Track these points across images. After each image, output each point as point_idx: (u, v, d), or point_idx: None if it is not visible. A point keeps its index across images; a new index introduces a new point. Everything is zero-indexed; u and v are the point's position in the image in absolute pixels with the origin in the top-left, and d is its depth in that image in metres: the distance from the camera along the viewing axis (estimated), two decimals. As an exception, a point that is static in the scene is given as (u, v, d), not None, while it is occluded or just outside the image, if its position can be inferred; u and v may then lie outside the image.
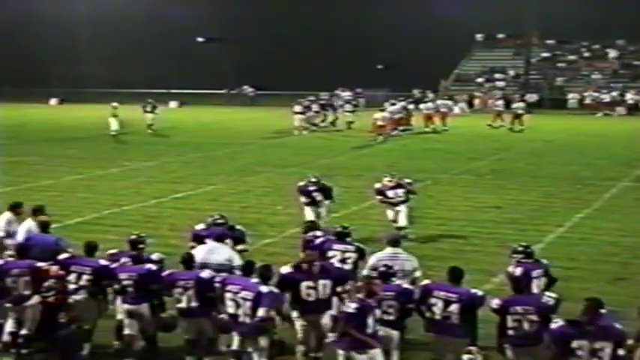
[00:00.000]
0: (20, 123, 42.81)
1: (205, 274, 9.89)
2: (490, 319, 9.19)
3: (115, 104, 36.54)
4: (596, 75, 59.61)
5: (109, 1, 69.86)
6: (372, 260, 10.67)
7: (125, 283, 10.08)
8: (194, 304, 9.77)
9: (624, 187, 23.21)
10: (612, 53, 61.92)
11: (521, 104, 42.56)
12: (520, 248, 10.38)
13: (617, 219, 18.77)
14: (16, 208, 12.84)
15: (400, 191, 16.39)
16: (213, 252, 10.74)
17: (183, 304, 9.83)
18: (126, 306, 10.11)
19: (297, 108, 39.82)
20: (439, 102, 43.70)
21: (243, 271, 10.01)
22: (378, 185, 16.79)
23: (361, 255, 10.97)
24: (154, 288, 10.18)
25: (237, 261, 10.75)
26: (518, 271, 10.08)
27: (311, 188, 16.12)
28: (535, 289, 9.86)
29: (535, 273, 10.06)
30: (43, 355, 10.12)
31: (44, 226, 11.83)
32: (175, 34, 67.75)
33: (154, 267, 10.38)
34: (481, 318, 9.25)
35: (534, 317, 8.75)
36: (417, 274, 10.67)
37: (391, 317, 9.24)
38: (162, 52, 66.90)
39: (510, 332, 8.81)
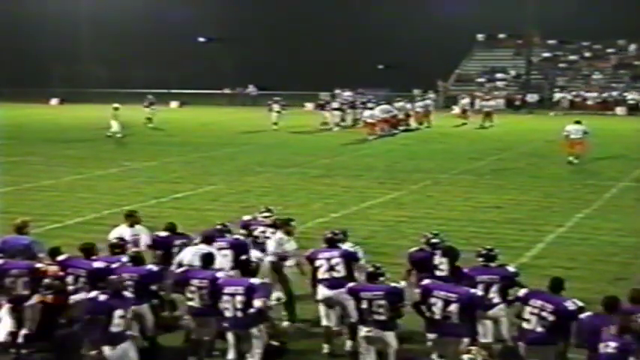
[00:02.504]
0: (20, 123, 42.80)
1: (222, 274, 9.89)
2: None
3: (116, 105, 36.49)
4: (597, 75, 59.60)
5: (109, 1, 69.78)
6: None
7: (125, 283, 10.07)
8: (208, 303, 9.77)
9: (624, 187, 23.22)
10: (632, 47, 61.67)
11: (491, 102, 45.21)
12: (483, 252, 10.30)
13: (617, 219, 18.77)
14: (282, 223, 11.73)
15: (270, 231, 12.27)
16: (198, 254, 10.66)
17: (194, 303, 9.81)
18: None
19: (335, 104, 42.30)
20: (428, 101, 44.44)
21: (239, 269, 10.04)
22: (247, 218, 12.90)
23: (350, 259, 10.67)
24: (155, 288, 10.18)
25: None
26: (465, 270, 10.16)
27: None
28: (490, 294, 9.77)
29: (481, 277, 9.88)
30: (43, 355, 10.12)
31: (19, 229, 11.57)
32: (176, 34, 67.67)
33: (154, 267, 10.38)
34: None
35: (550, 317, 8.74)
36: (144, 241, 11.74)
37: (382, 317, 9.23)
38: (162, 52, 66.82)
39: (524, 325, 8.88)
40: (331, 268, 10.57)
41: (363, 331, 9.31)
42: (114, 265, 10.35)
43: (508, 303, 9.70)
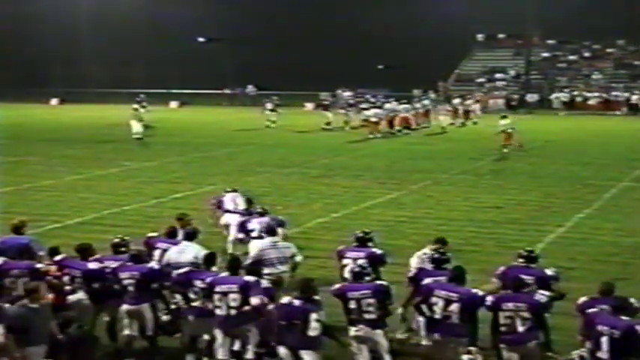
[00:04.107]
0: (20, 123, 42.81)
1: (224, 274, 9.82)
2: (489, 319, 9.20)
3: (135, 106, 36.45)
4: (596, 75, 59.61)
5: (109, 1, 69.80)
6: (253, 251, 11.35)
7: (126, 282, 10.05)
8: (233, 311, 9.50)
9: (624, 187, 23.21)
10: None
11: (469, 101, 46.18)
12: (524, 253, 10.28)
13: (617, 219, 18.77)
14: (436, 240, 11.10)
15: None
16: (183, 252, 10.74)
17: (197, 304, 9.76)
18: (126, 306, 10.08)
19: (345, 104, 43.98)
20: (426, 101, 44.95)
21: (229, 268, 9.94)
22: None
23: (376, 261, 10.54)
24: (156, 287, 10.14)
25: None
26: (500, 269, 10.17)
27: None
28: None
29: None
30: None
31: (17, 229, 11.53)
32: (175, 34, 67.67)
33: (156, 266, 10.36)
34: (481, 318, 9.25)
35: (526, 314, 8.76)
36: (297, 259, 11.56)
37: (372, 316, 9.20)
38: (162, 52, 66.84)
39: (502, 329, 8.86)
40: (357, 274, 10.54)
41: (352, 331, 9.28)
42: (115, 264, 10.34)
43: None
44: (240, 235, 13.54)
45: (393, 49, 62.78)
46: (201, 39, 69.92)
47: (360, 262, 10.41)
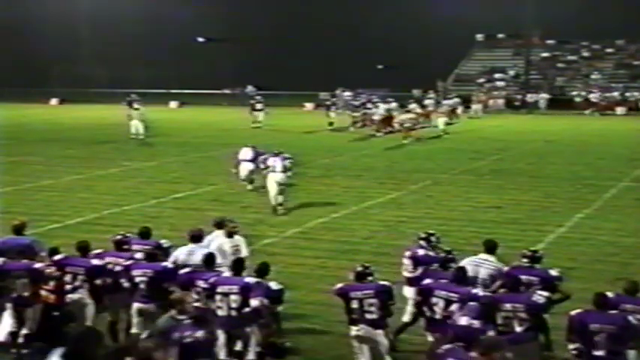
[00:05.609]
0: (20, 123, 42.77)
1: (226, 274, 9.81)
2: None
3: (137, 106, 36.44)
4: (596, 75, 59.61)
5: (109, 1, 69.84)
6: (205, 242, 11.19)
7: (138, 279, 10.04)
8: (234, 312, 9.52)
9: (624, 187, 23.22)
10: None
11: (456, 100, 47.13)
12: (528, 253, 10.25)
13: (617, 219, 18.78)
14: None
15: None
16: (193, 253, 10.72)
17: (199, 304, 9.73)
18: (137, 304, 10.05)
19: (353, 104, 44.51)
20: (428, 101, 45.23)
21: (232, 269, 9.92)
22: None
23: (417, 261, 10.61)
24: (167, 287, 10.12)
25: (218, 259, 10.79)
26: (505, 269, 10.15)
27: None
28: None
29: (522, 278, 9.77)
30: (44, 355, 10.10)
31: (18, 229, 11.53)
32: (175, 34, 67.69)
33: (170, 265, 10.34)
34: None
35: (524, 315, 8.75)
36: (243, 252, 11.21)
37: (374, 316, 9.21)
38: (162, 52, 66.87)
39: (500, 329, 8.82)
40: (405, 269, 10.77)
41: (353, 330, 9.30)
42: (128, 262, 10.33)
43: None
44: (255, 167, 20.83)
45: (393, 49, 62.80)
46: (200, 39, 69.96)
47: (405, 262, 10.72)
